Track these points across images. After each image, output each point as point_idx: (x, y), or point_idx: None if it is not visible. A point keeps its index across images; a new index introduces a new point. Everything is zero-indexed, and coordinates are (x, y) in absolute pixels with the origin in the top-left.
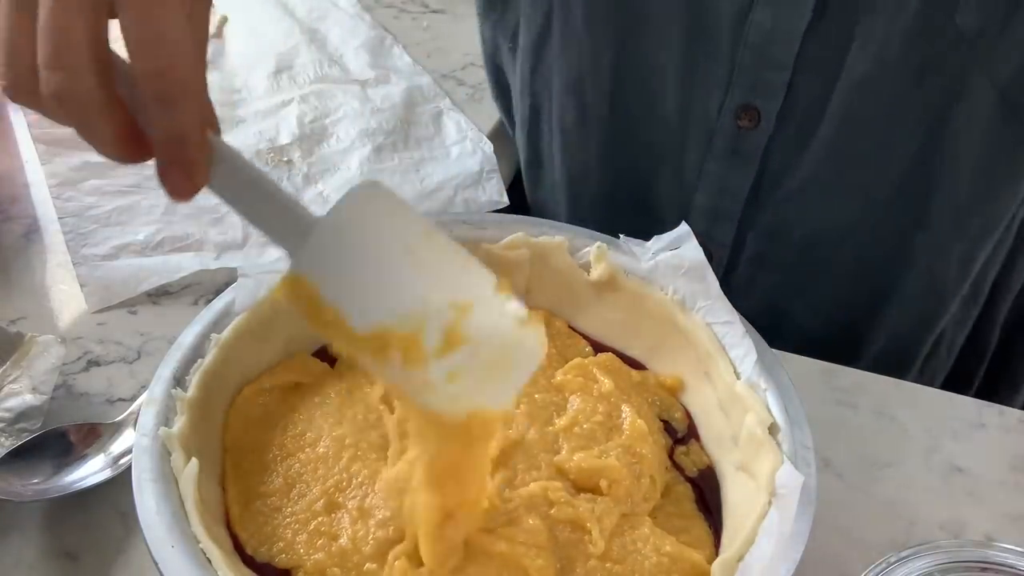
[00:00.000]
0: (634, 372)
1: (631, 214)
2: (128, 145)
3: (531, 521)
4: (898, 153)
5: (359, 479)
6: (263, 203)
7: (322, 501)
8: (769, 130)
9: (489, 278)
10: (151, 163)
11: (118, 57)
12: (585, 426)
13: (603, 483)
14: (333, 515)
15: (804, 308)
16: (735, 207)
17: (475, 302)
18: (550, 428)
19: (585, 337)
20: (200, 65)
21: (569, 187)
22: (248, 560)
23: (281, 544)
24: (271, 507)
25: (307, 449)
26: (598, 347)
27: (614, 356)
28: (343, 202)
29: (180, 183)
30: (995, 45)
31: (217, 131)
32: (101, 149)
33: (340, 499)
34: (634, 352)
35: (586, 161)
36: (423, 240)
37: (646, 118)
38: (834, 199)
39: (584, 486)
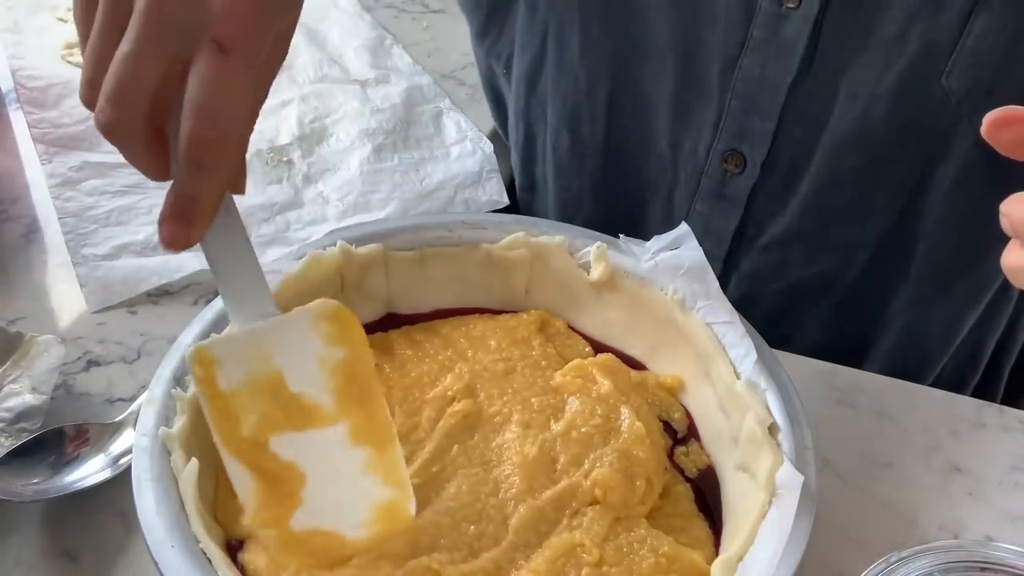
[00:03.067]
0: (633, 372)
1: None
2: (160, 176)
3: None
4: (881, 210)
5: None
6: (239, 272)
7: None
8: (754, 177)
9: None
10: None
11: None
12: (583, 430)
13: (597, 492)
14: None
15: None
16: (719, 249)
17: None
18: (547, 435)
19: (585, 337)
20: (247, 135)
21: (561, 214)
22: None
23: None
24: None
25: None
26: (598, 347)
27: (613, 357)
28: (303, 312)
29: (175, 236)
30: (982, 107)
31: (242, 191)
32: (135, 166)
33: None
34: (634, 352)
35: (579, 190)
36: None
37: (639, 152)
38: (816, 250)
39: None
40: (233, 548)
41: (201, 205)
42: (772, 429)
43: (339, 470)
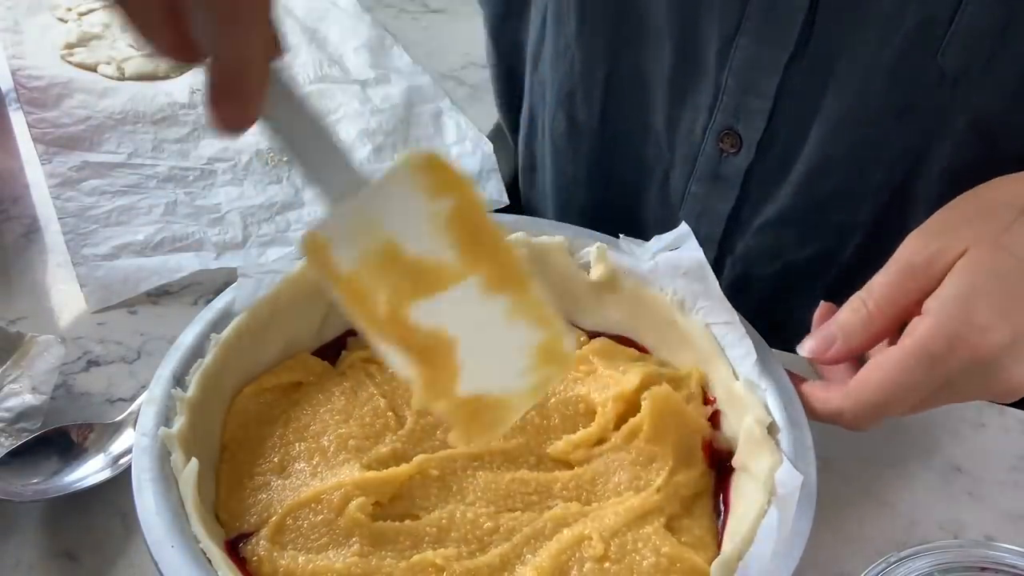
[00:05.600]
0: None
1: (616, 229)
2: (177, 51)
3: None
4: (875, 191)
5: None
6: (315, 148)
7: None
8: (750, 157)
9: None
10: (149, 164)
11: None
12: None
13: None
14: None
15: (778, 339)
16: (715, 230)
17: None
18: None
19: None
20: None
21: (558, 195)
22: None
23: (255, 509)
24: (257, 485)
25: (309, 440)
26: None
27: (609, 340)
28: (398, 170)
29: (231, 116)
30: (978, 86)
31: (280, 53)
32: (157, 53)
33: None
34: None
35: (575, 172)
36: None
37: (635, 133)
38: (810, 232)
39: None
40: (234, 546)
41: (249, 70)
42: (772, 429)
43: (485, 324)
